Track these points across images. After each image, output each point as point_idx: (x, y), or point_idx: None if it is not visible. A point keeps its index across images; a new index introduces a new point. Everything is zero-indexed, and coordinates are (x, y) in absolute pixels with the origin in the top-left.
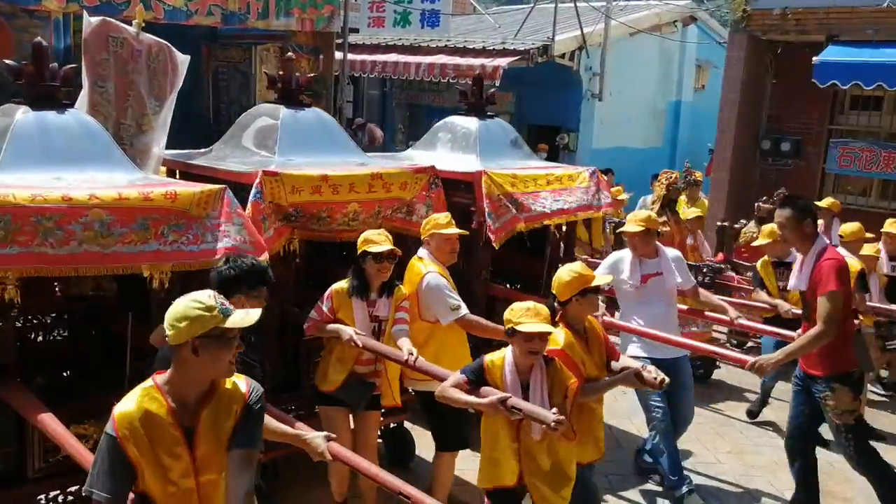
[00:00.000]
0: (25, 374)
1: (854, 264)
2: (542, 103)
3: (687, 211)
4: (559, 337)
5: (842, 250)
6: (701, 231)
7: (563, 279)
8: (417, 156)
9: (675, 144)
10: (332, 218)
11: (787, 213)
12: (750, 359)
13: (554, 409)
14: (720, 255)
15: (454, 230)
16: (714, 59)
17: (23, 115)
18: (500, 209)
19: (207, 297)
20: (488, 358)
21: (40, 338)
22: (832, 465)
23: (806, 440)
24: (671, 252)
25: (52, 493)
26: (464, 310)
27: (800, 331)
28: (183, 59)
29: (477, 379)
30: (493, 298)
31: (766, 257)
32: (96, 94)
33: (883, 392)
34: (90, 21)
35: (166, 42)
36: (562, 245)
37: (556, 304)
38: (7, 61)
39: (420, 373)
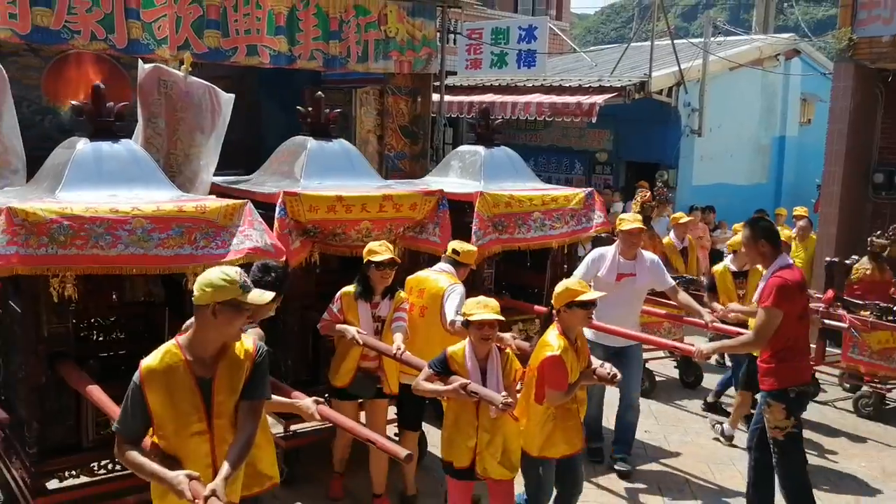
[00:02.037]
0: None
1: None
2: (640, 140)
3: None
4: (555, 343)
5: None
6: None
7: (557, 291)
8: (433, 181)
9: (780, 180)
10: (347, 234)
11: (745, 234)
12: (695, 348)
13: (504, 393)
14: (829, 292)
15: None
16: (820, 93)
17: (82, 145)
18: (487, 228)
19: (235, 272)
20: (450, 350)
21: (101, 337)
22: None
23: (762, 453)
24: (649, 255)
25: (103, 462)
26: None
27: None
28: (227, 99)
29: (443, 369)
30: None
31: (725, 265)
32: (149, 128)
33: None
34: (144, 68)
35: (211, 84)
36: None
37: (553, 311)
38: (73, 101)
39: (405, 365)
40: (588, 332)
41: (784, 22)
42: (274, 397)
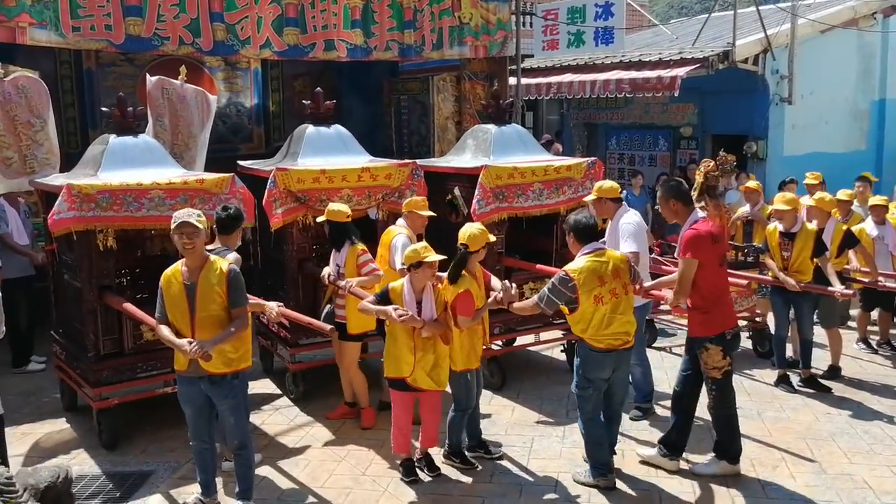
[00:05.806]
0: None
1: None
2: (726, 112)
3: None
4: (464, 280)
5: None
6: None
7: (472, 234)
8: (452, 159)
9: (881, 147)
10: (332, 200)
11: (658, 194)
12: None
13: (406, 315)
14: None
15: (427, 212)
16: None
17: (113, 139)
18: (489, 198)
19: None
20: (391, 286)
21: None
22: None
23: (690, 397)
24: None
25: (139, 363)
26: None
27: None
28: (213, 99)
29: (383, 300)
30: (508, 268)
31: (775, 225)
32: (157, 126)
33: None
34: (151, 80)
35: (201, 89)
36: None
37: (465, 252)
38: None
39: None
40: None
41: None
42: (252, 299)
